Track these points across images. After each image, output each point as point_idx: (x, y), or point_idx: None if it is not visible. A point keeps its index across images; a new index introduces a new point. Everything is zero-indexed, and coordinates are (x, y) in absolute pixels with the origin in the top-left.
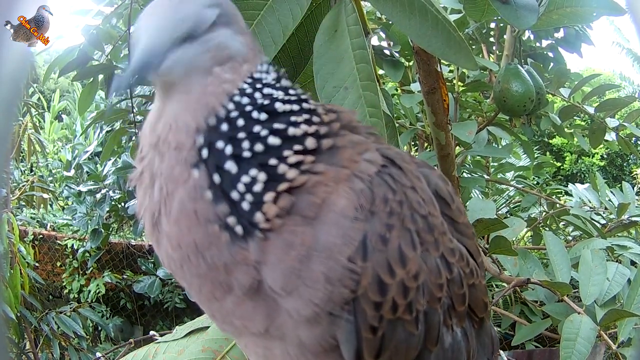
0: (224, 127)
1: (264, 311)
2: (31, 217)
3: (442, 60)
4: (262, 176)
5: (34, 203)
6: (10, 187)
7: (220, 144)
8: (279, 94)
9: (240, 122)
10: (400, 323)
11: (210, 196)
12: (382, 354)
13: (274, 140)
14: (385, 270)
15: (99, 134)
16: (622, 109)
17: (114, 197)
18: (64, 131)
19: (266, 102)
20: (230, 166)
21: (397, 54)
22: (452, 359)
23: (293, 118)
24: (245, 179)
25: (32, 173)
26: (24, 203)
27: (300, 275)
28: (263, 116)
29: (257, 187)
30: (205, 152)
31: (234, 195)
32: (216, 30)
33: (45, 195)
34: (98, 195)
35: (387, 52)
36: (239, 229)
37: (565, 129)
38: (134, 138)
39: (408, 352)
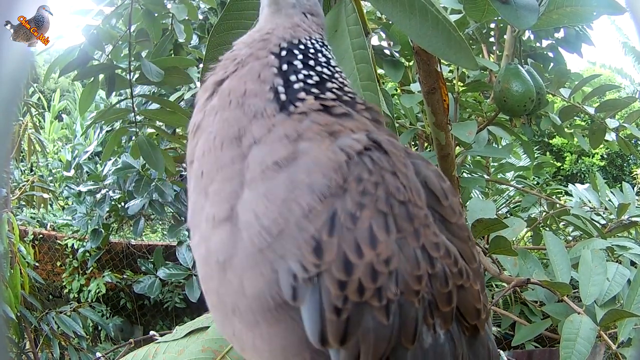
0: (303, 46)
1: (235, 184)
2: (31, 217)
3: (442, 60)
4: (316, 78)
5: (34, 203)
6: (10, 186)
7: (296, 51)
8: (332, 58)
9: (311, 50)
10: (368, 309)
11: (275, 70)
12: (348, 340)
13: (326, 71)
14: (352, 249)
15: (99, 134)
16: (623, 109)
17: (114, 197)
18: (64, 131)
19: (326, 52)
20: (297, 63)
21: (397, 54)
22: None
23: (337, 74)
24: (304, 72)
25: (32, 173)
26: (24, 203)
27: (265, 172)
28: (322, 59)
29: (310, 81)
30: (284, 52)
31: (292, 77)
32: None
33: (45, 195)
34: (98, 195)
35: (387, 52)
36: (282, 96)
37: (566, 129)
38: (134, 138)
39: (378, 343)
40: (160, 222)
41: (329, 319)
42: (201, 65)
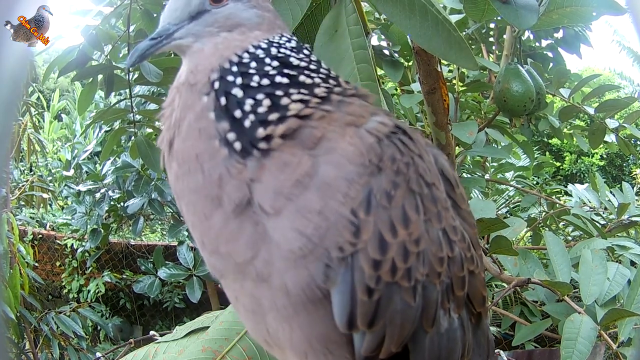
0: (235, 68)
1: (250, 233)
2: (31, 217)
3: (442, 60)
4: (266, 101)
5: (34, 203)
6: (9, 186)
7: (230, 77)
8: (295, 54)
9: (252, 64)
10: (398, 289)
11: (213, 116)
12: (376, 322)
13: (281, 79)
14: (388, 228)
15: (98, 134)
16: (622, 109)
17: (113, 197)
18: (64, 131)
19: (280, 55)
20: (237, 91)
21: (396, 54)
22: (447, 347)
23: (307, 72)
24: (250, 101)
25: (32, 173)
26: (23, 203)
27: (291, 197)
28: (275, 63)
29: (261, 109)
30: (216, 84)
31: (237, 113)
32: (228, 4)
33: (44, 195)
34: (97, 195)
35: (386, 52)
36: (237, 145)
37: (565, 130)
38: (133, 138)
39: (403, 326)
40: (160, 222)
41: (361, 299)
42: None
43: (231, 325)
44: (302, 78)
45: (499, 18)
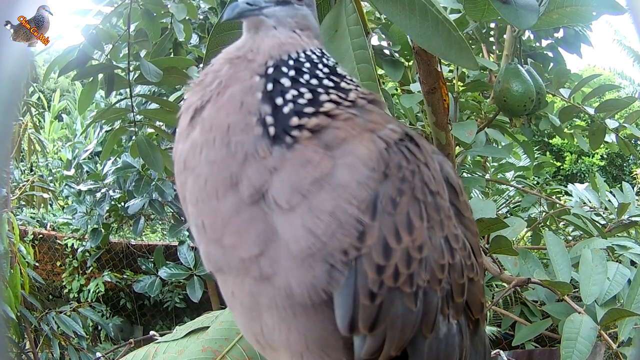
0: (292, 62)
1: (260, 227)
2: (31, 217)
3: (442, 60)
4: (308, 95)
5: (34, 203)
6: (10, 186)
7: (284, 69)
8: (338, 67)
9: (307, 65)
10: (400, 295)
11: (260, 95)
12: (377, 326)
13: (327, 82)
14: (392, 234)
15: (98, 133)
16: (622, 109)
17: (114, 197)
18: (64, 130)
19: (330, 63)
20: (285, 81)
21: (396, 54)
22: (445, 352)
23: (346, 80)
24: (293, 92)
25: (32, 172)
26: (24, 203)
27: (306, 195)
28: (325, 70)
29: (301, 100)
30: (270, 70)
31: (279, 100)
32: (303, 5)
33: (45, 195)
34: (98, 195)
35: (386, 52)
36: (272, 129)
37: (565, 130)
38: (133, 137)
39: (404, 330)
40: (160, 222)
41: (363, 303)
42: (201, 66)
43: (231, 325)
44: (343, 84)
45: (499, 18)
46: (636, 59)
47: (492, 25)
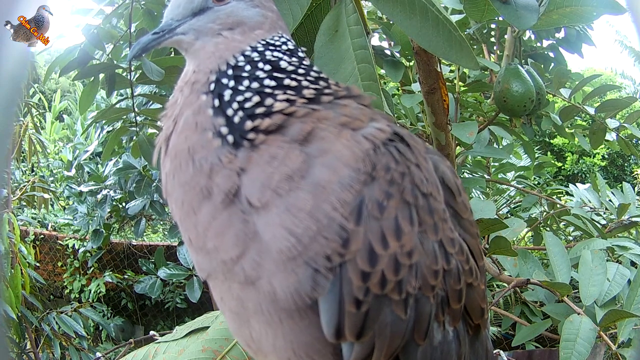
0: (230, 70)
1: (238, 228)
2: (32, 217)
3: (442, 60)
4: (255, 98)
5: (35, 203)
6: (11, 187)
7: (225, 80)
8: (287, 57)
9: (247, 67)
10: (388, 302)
11: (210, 112)
12: (365, 334)
13: (269, 82)
14: (378, 239)
15: (99, 134)
16: (623, 109)
17: (115, 197)
18: (65, 131)
19: (273, 58)
20: (227, 92)
21: (397, 54)
22: (440, 359)
23: (294, 75)
24: (240, 98)
25: (33, 173)
26: (25, 203)
27: (279, 192)
28: (267, 67)
29: (248, 104)
30: (212, 86)
31: (229, 111)
32: (230, 2)
33: (46, 196)
34: (99, 196)
35: (387, 52)
36: (229, 137)
37: (567, 129)
38: (134, 138)
39: (393, 339)
40: (162, 223)
41: (348, 311)
42: None
43: None
44: (287, 81)
45: (499, 18)
46: (637, 59)
47: (493, 25)
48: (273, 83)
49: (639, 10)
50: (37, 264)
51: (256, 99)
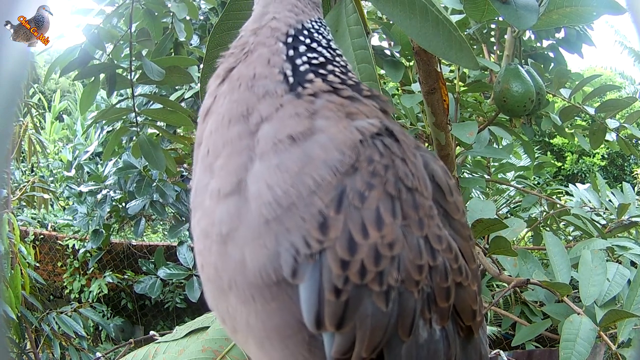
0: (305, 31)
1: (244, 160)
2: (32, 218)
3: (442, 60)
4: (321, 59)
5: (35, 203)
6: (10, 187)
7: (301, 36)
8: (332, 42)
9: (315, 33)
10: (368, 293)
11: (284, 57)
12: (345, 324)
13: (327, 54)
14: (358, 229)
15: (99, 134)
16: (623, 109)
17: (115, 198)
18: (65, 131)
19: (328, 37)
20: (302, 47)
21: (397, 54)
22: (426, 359)
23: (338, 58)
24: (310, 54)
25: (33, 173)
26: (24, 203)
27: (278, 146)
28: (324, 42)
29: (315, 62)
30: (290, 39)
31: (298, 61)
32: None
33: (45, 196)
34: (99, 196)
35: (387, 52)
36: (291, 79)
37: (566, 129)
38: (134, 138)
39: (374, 331)
40: (161, 223)
41: (328, 299)
42: (202, 65)
43: None
44: (337, 59)
45: (499, 18)
46: (637, 59)
47: (493, 25)
48: (329, 55)
49: (639, 10)
50: (37, 264)
51: (322, 59)
